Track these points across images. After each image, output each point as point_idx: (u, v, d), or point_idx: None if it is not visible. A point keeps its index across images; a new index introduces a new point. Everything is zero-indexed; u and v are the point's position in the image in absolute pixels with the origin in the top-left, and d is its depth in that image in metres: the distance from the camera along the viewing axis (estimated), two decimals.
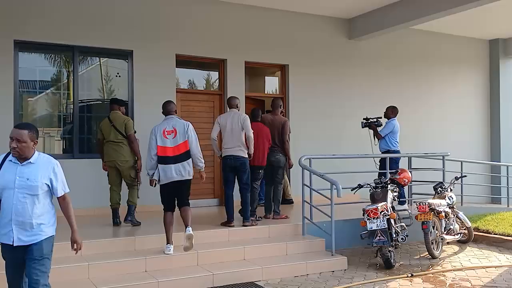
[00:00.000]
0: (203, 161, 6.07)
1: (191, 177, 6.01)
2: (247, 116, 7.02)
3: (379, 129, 8.74)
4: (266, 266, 5.97)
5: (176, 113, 6.27)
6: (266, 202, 7.77)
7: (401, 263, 6.71)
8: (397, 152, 8.64)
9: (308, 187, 7.06)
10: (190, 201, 6.14)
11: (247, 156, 6.91)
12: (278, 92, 10.35)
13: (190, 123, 6.10)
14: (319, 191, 6.92)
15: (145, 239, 6.19)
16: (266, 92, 10.65)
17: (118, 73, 8.84)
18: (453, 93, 12.31)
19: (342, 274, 6.18)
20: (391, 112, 8.81)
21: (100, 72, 8.75)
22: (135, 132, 7.02)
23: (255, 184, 7.37)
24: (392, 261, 6.38)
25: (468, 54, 12.61)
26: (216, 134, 6.96)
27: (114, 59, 8.88)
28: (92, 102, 8.72)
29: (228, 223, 6.89)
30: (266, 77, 10.87)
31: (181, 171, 5.87)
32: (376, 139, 8.75)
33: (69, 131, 8.38)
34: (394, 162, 8.50)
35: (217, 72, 9.58)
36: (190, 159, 5.95)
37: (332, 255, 6.49)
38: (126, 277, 5.42)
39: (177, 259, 5.88)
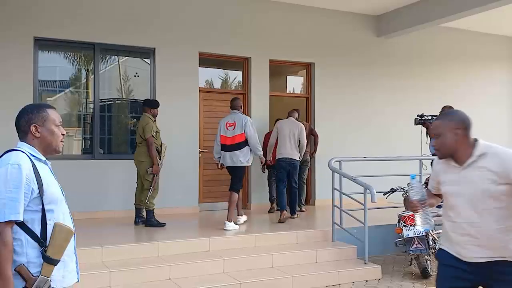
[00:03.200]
0: (260, 149, 6.97)
1: (242, 165, 6.87)
2: (303, 126, 7.94)
3: None
4: (296, 275, 5.64)
5: (241, 108, 7.11)
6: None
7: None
8: None
9: (338, 191, 6.71)
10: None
11: (299, 158, 7.77)
12: (303, 91, 10.02)
13: (249, 118, 6.98)
14: (350, 195, 6.58)
15: (168, 244, 5.91)
16: (290, 92, 10.32)
17: (136, 73, 8.60)
18: (482, 92, 11.79)
19: (377, 283, 5.82)
20: None
21: (119, 71, 8.51)
22: (153, 136, 6.88)
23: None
24: (429, 270, 6.01)
25: (499, 53, 12.09)
26: (275, 141, 7.78)
27: (133, 58, 8.62)
28: (112, 102, 8.49)
29: (281, 212, 7.46)
30: (290, 76, 10.55)
31: (233, 158, 6.85)
32: (428, 138, 8.42)
33: (89, 131, 8.16)
34: None
35: (241, 71, 9.28)
36: (243, 149, 6.83)
37: (365, 263, 6.13)
38: (150, 285, 5.16)
39: (203, 266, 5.59)
